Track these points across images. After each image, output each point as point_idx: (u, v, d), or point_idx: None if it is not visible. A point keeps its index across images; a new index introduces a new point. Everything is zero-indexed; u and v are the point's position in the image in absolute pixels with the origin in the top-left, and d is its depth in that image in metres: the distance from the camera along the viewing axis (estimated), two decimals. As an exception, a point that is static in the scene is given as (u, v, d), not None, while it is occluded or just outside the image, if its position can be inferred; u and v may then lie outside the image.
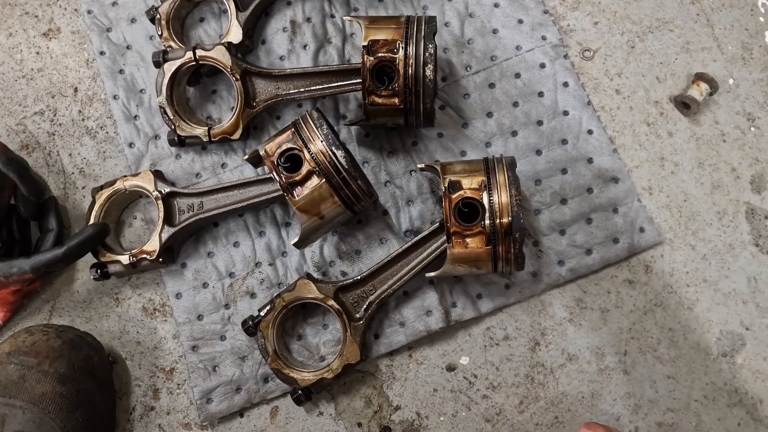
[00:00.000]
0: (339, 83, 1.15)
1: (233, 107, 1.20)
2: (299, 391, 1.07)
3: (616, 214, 1.16)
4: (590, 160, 1.18)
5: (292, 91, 1.17)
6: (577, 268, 1.14)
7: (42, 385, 1.00)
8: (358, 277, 1.09)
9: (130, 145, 1.24)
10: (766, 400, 1.09)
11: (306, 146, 1.03)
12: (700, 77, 1.19)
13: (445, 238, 1.02)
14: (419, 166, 1.09)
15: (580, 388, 1.11)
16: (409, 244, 1.08)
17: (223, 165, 1.22)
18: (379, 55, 1.05)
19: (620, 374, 1.11)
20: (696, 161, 1.19)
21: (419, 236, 1.08)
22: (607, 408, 1.10)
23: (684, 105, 1.20)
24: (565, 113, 1.20)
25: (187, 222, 1.13)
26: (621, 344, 1.12)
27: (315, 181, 1.02)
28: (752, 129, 1.20)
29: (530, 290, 1.14)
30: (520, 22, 1.25)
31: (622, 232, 1.15)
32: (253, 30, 1.27)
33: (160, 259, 1.12)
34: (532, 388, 1.11)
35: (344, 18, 1.23)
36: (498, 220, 0.98)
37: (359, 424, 1.11)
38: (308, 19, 1.26)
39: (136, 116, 1.25)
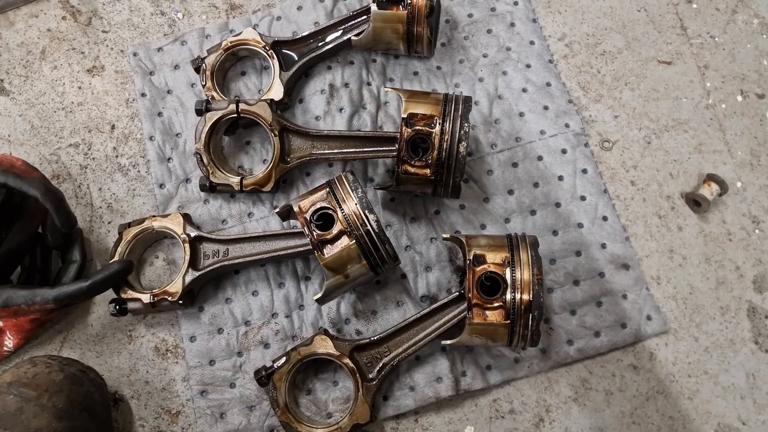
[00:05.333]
0: (372, 149, 1.20)
1: (266, 159, 1.25)
2: (306, 449, 1.07)
3: (625, 300, 1.20)
4: (603, 246, 1.23)
5: (326, 152, 1.22)
6: (585, 349, 1.17)
7: (38, 420, 1.00)
8: (375, 338, 1.11)
9: (161, 185, 1.27)
10: (761, 498, 1.11)
11: (339, 206, 1.07)
12: (711, 178, 1.26)
13: (462, 307, 1.06)
14: (444, 236, 1.13)
15: (580, 469, 1.12)
16: (428, 310, 1.11)
17: (249, 214, 1.25)
18: (417, 128, 1.11)
19: (621, 459, 1.13)
20: (703, 256, 1.24)
21: (438, 303, 1.11)
22: (607, 492, 1.11)
23: (695, 202, 1.26)
24: (583, 198, 1.26)
25: (211, 267, 1.16)
26: (623, 428, 1.14)
27: (345, 241, 1.06)
28: (757, 231, 1.26)
29: (539, 366, 1.16)
30: (546, 108, 1.32)
31: (629, 318, 1.19)
32: (293, 89, 1.33)
33: (180, 301, 1.13)
34: (534, 465, 1.13)
35: (385, 89, 1.30)
36: (519, 296, 1.02)
37: (361, 487, 1.11)
38: (346, 84, 1.33)
39: (169, 158, 1.29)
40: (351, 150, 1.21)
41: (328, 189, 1.10)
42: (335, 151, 1.22)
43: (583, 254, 1.23)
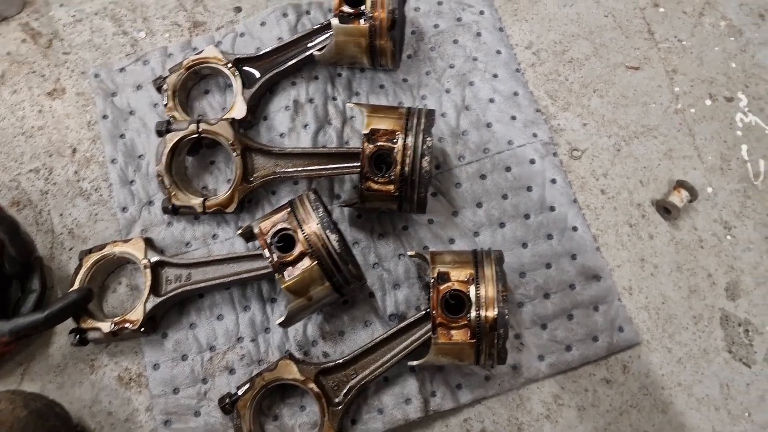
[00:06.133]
0: (337, 165, 1.18)
1: (230, 179, 1.23)
2: (272, 476, 1.05)
3: (596, 312, 1.18)
4: (574, 257, 1.21)
5: (290, 170, 1.20)
6: (556, 364, 1.15)
7: (4, 457, 0.98)
8: (341, 361, 1.09)
9: (123, 209, 1.25)
10: None
11: (300, 227, 1.05)
12: (681, 184, 1.24)
13: (429, 326, 1.04)
14: (409, 253, 1.11)
15: (554, 487, 1.10)
16: (395, 329, 1.09)
17: (214, 236, 1.23)
18: (379, 143, 1.09)
19: (595, 475, 1.11)
20: (675, 265, 1.23)
21: (403, 323, 1.09)
22: None
23: (665, 210, 1.25)
24: (552, 209, 1.24)
25: (173, 292, 1.13)
26: (597, 444, 1.12)
27: (307, 263, 1.04)
28: (728, 237, 1.25)
29: (510, 384, 1.14)
30: (513, 118, 1.30)
31: (601, 331, 1.17)
32: (257, 106, 1.31)
33: (142, 329, 1.11)
34: (506, 485, 1.11)
35: (348, 104, 1.28)
36: (484, 314, 1.00)
37: None
38: (311, 100, 1.31)
39: (132, 181, 1.26)
40: (315, 167, 1.19)
41: (289, 209, 1.08)
42: (299, 168, 1.20)
43: (553, 266, 1.21)
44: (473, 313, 1.01)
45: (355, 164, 1.15)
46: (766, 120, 1.32)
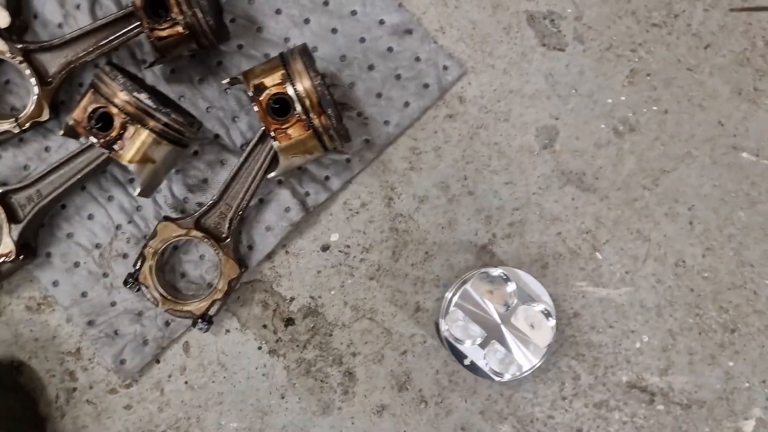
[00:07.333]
0: (122, 31, 1.15)
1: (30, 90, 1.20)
2: (199, 320, 1.15)
3: (419, 63, 1.26)
4: (382, 22, 1.26)
5: (81, 54, 1.17)
6: (401, 122, 1.24)
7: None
8: (210, 202, 1.15)
9: (-54, 163, 1.22)
10: (587, 171, 1.26)
11: (110, 101, 1.05)
12: None
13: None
14: (223, 83, 1.14)
15: (438, 221, 1.24)
16: (244, 155, 1.15)
17: (46, 149, 1.23)
18: (144, -10, 1.07)
19: (467, 197, 1.25)
20: (472, -10, 1.29)
21: (250, 145, 1.15)
22: (465, 227, 1.24)
23: (445, -58, 1.27)
24: (345, -14, 1.26)
25: (32, 213, 1.15)
26: (460, 172, 1.25)
27: (131, 130, 1.06)
28: (510, -57, 1.30)
29: (368, 156, 1.24)
30: None
31: (429, 76, 1.25)
32: (20, 8, 1.23)
33: (21, 257, 1.14)
34: (399, 238, 1.24)
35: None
36: (308, 103, 1.06)
37: (264, 326, 1.21)
38: (70, -22, 1.24)
39: (-62, 134, 1.22)
40: (103, 42, 1.16)
41: (92, 90, 1.07)
42: (89, 50, 1.17)
43: (367, 38, 1.25)
44: (298, 107, 1.06)
45: (135, 24, 1.12)
46: None
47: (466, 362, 1.11)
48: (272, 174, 1.12)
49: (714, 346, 1.24)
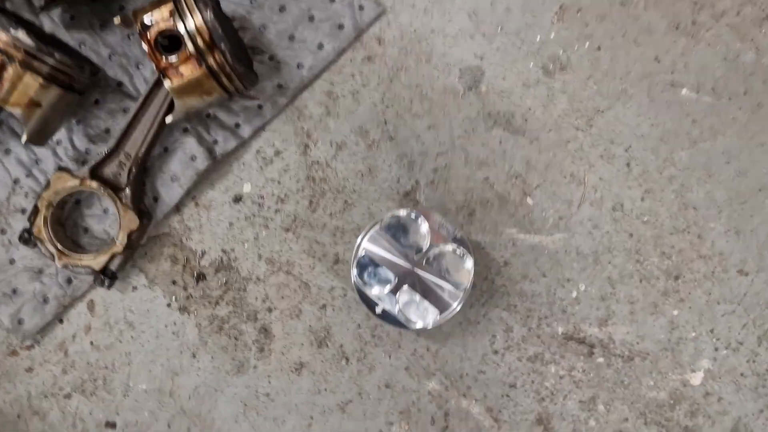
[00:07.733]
0: (10, -26, 1.10)
1: None
2: (101, 276, 1.09)
3: (333, 3, 1.19)
4: (294, -39, 1.19)
5: (-30, 0, 1.11)
6: (315, 65, 1.18)
7: None
8: (107, 151, 1.09)
9: None
10: (516, 113, 1.19)
11: (-5, 46, 0.99)
12: None
13: (169, 82, 1.03)
14: (115, 21, 1.07)
15: (357, 168, 1.18)
16: (141, 99, 1.09)
17: (-59, 103, 1.16)
18: None
19: (387, 142, 1.18)
20: (390, -74, 1.22)
21: (146, 89, 1.08)
22: (386, 174, 1.17)
23: None
24: (255, -75, 1.20)
25: None
26: (379, 116, 1.18)
27: (10, 71, 0.99)
28: None
29: (281, 101, 1.17)
30: None
31: (344, 17, 1.18)
32: None
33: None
34: (316, 187, 1.17)
35: None
36: (199, 39, 1.00)
37: (174, 282, 1.15)
38: (-38, -76, 1.18)
39: None
40: (-8, -14, 1.10)
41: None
42: (-22, -5, 1.11)
43: (278, -21, 1.19)
44: (189, 44, 1.00)
45: (25, -40, 1.06)
46: None
47: (378, 310, 1.04)
48: (169, 118, 1.05)
49: (657, 294, 1.17)
